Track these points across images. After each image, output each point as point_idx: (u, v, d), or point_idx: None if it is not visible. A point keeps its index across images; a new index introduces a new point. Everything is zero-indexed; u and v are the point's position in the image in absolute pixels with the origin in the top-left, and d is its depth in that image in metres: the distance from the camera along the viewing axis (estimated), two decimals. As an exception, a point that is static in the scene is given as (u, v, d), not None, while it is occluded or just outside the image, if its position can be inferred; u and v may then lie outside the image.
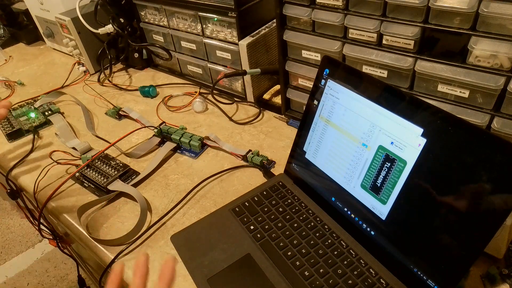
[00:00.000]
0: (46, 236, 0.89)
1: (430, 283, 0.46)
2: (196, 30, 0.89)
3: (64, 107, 0.94)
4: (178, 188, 0.70)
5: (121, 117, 0.90)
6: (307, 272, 0.52)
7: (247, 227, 0.58)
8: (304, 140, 0.62)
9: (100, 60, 1.08)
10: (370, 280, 0.50)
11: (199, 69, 0.96)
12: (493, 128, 0.54)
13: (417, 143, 0.46)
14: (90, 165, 0.73)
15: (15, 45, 1.32)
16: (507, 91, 0.51)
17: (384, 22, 0.57)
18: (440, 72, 0.55)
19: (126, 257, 0.58)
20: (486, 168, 0.40)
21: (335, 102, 0.56)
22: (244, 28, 0.81)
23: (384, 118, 0.49)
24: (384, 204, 0.51)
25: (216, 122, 0.86)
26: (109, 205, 0.67)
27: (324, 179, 0.59)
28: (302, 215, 0.59)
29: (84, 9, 1.02)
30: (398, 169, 0.48)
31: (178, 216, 0.64)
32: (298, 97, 0.78)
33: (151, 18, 0.98)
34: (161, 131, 0.80)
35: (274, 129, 0.82)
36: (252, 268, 0.53)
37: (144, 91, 0.96)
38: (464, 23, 0.51)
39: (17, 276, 1.57)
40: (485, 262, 0.52)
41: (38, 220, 0.76)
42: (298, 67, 0.74)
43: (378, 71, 0.63)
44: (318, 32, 0.67)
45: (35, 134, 0.85)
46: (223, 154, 0.77)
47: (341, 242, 0.55)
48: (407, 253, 0.49)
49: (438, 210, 0.44)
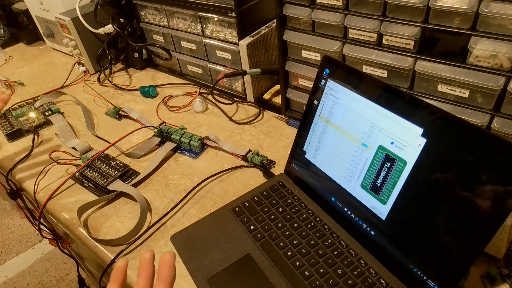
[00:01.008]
0: (46, 236, 0.89)
1: (430, 283, 0.46)
2: (196, 30, 0.89)
3: (64, 107, 0.94)
4: (178, 188, 0.70)
5: (121, 117, 0.90)
6: (307, 272, 0.52)
7: (247, 227, 0.58)
8: (304, 140, 0.62)
9: (100, 60, 1.08)
10: (370, 280, 0.50)
11: (199, 69, 0.96)
12: (493, 128, 0.54)
13: (417, 143, 0.46)
14: (90, 165, 0.73)
15: (15, 45, 1.32)
16: (507, 91, 0.51)
17: (384, 22, 0.57)
18: (440, 72, 0.55)
19: (126, 257, 0.58)
20: (486, 168, 0.40)
21: (335, 102, 0.56)
22: (244, 28, 0.81)
23: (384, 118, 0.49)
24: (384, 204, 0.51)
25: (216, 122, 0.86)
26: (109, 205, 0.67)
27: (324, 179, 0.59)
28: (302, 215, 0.59)
29: (84, 9, 1.02)
30: (398, 169, 0.48)
31: (178, 216, 0.64)
32: (298, 97, 0.78)
33: (151, 18, 0.98)
34: (161, 131, 0.80)
35: (274, 129, 0.82)
36: (252, 268, 0.53)
37: (144, 91, 0.96)
38: (464, 23, 0.51)
39: (17, 276, 1.57)
40: (485, 262, 0.52)
41: (38, 220, 0.76)
42: (298, 67, 0.74)
43: (378, 71, 0.63)
44: (318, 32, 0.67)
45: (35, 134, 0.85)
46: (223, 154, 0.77)
47: (341, 242, 0.55)
48: (407, 253, 0.49)
49: (438, 210, 0.44)
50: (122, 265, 0.40)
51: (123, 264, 0.41)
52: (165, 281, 0.38)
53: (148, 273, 0.39)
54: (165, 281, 0.38)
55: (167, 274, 0.38)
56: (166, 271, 0.38)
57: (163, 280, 0.38)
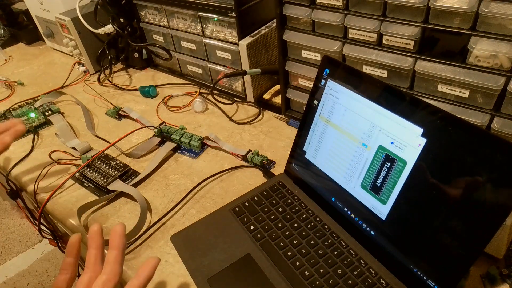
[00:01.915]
0: (46, 236, 0.89)
1: (430, 283, 0.46)
2: (196, 30, 0.89)
3: (64, 107, 0.94)
4: (178, 188, 0.70)
5: (121, 117, 0.90)
6: (307, 272, 0.52)
7: (247, 227, 0.58)
8: (304, 140, 0.62)
9: (100, 60, 1.08)
10: (370, 280, 0.50)
11: (199, 69, 0.96)
12: (493, 128, 0.54)
13: (417, 143, 0.46)
14: (90, 165, 0.73)
15: (15, 45, 1.32)
16: (507, 91, 0.51)
17: (384, 22, 0.57)
18: (440, 72, 0.55)
19: (126, 257, 0.58)
20: (486, 168, 0.40)
21: (335, 102, 0.56)
22: (244, 28, 0.81)
23: (384, 118, 0.49)
24: (384, 204, 0.51)
25: (216, 122, 0.86)
26: (109, 205, 0.67)
27: (324, 179, 0.59)
28: (302, 215, 0.59)
29: (84, 9, 1.02)
30: (398, 169, 0.48)
31: (178, 216, 0.64)
32: (298, 97, 0.78)
33: (151, 18, 0.98)
34: (161, 131, 0.80)
35: (274, 129, 0.82)
36: (252, 268, 0.53)
37: (144, 91, 0.96)
38: (464, 23, 0.51)
39: (17, 276, 1.57)
40: (485, 262, 0.52)
41: (38, 220, 0.76)
42: (298, 67, 0.74)
43: (378, 71, 0.63)
44: (318, 32, 0.67)
45: (35, 134, 0.85)
46: (223, 154, 0.77)
47: (341, 242, 0.55)
48: (407, 253, 0.49)
49: (438, 210, 0.44)
50: (74, 240, 0.44)
51: (76, 239, 0.44)
52: (117, 248, 0.41)
53: (98, 244, 0.42)
54: (117, 249, 0.41)
55: (118, 242, 0.41)
56: (117, 240, 0.41)
57: (114, 248, 0.41)
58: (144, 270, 0.40)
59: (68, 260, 0.43)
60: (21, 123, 0.61)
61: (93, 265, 0.41)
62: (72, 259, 0.43)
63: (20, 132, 0.61)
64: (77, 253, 0.43)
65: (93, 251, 0.42)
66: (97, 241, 0.42)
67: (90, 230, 0.42)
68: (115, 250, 0.41)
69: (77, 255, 0.43)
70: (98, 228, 0.42)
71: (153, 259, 0.41)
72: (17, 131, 0.61)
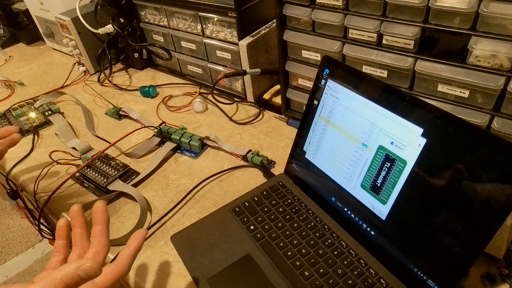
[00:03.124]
0: (46, 236, 0.89)
1: (430, 283, 0.46)
2: (196, 30, 0.89)
3: (64, 107, 0.94)
4: (178, 188, 0.70)
5: (121, 117, 0.90)
6: (307, 272, 0.52)
7: (247, 227, 0.58)
8: (304, 140, 0.62)
9: (100, 60, 1.08)
10: (370, 280, 0.50)
11: (199, 69, 0.96)
12: (493, 128, 0.54)
13: (417, 143, 0.46)
14: (90, 165, 0.73)
15: (15, 45, 1.32)
16: (507, 91, 0.51)
17: (384, 22, 0.57)
18: (440, 72, 0.55)
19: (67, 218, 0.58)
20: (486, 168, 0.40)
21: (335, 102, 0.56)
22: (244, 28, 0.81)
23: (384, 118, 0.49)
24: (384, 204, 0.51)
25: (216, 122, 0.86)
26: (109, 205, 0.67)
27: (324, 179, 0.59)
28: (302, 215, 0.59)
29: (84, 9, 1.02)
30: (398, 169, 0.48)
31: (178, 216, 0.64)
32: (298, 97, 0.78)
33: (151, 18, 0.98)
34: (161, 131, 0.80)
35: (274, 129, 0.82)
36: (252, 268, 0.53)
37: (144, 91, 0.96)
38: (464, 23, 0.51)
39: (17, 276, 1.57)
40: (485, 262, 0.52)
41: (38, 220, 0.76)
42: (298, 67, 0.74)
43: (378, 71, 0.63)
44: (318, 32, 0.67)
45: (35, 134, 0.85)
46: (223, 154, 0.77)
47: (341, 242, 0.55)
48: (407, 253, 0.49)
49: (438, 210, 0.44)
50: (63, 222, 0.45)
51: (64, 221, 0.45)
52: (100, 223, 0.43)
53: (81, 222, 0.44)
54: (100, 223, 0.43)
55: (101, 217, 0.43)
56: (100, 215, 0.43)
57: (98, 223, 0.43)
58: (133, 240, 0.42)
59: (59, 242, 0.44)
60: (17, 132, 0.62)
61: (80, 242, 0.43)
62: (62, 241, 0.45)
63: (16, 141, 0.61)
64: (66, 235, 0.45)
65: (78, 230, 0.44)
66: (80, 220, 0.44)
67: (70, 211, 0.44)
68: (99, 225, 0.43)
69: (67, 237, 0.45)
70: (79, 208, 0.44)
71: (141, 231, 0.43)
72: (12, 140, 0.61)
